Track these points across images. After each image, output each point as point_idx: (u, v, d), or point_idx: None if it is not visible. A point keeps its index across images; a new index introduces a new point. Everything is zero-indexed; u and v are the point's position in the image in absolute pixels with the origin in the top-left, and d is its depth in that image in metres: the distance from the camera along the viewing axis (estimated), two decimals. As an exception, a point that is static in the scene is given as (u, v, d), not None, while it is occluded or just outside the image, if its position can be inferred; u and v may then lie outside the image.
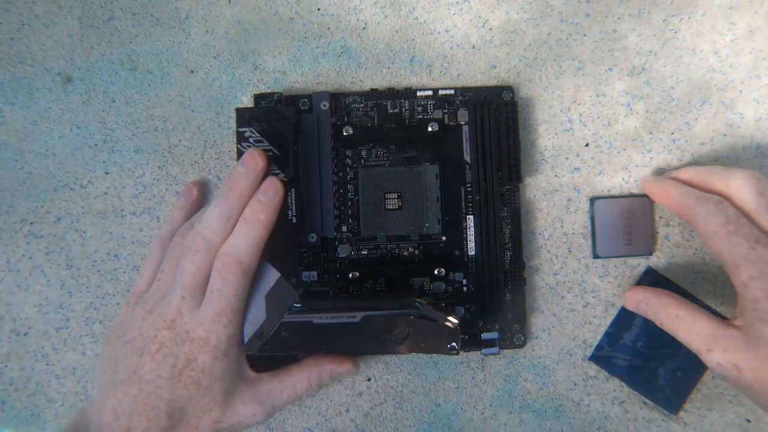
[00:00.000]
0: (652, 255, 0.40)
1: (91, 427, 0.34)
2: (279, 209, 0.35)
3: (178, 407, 0.34)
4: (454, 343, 0.35)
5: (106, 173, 0.41)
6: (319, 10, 0.41)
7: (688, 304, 0.34)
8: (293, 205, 0.37)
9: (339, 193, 0.40)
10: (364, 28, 0.41)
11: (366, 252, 0.40)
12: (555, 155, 0.41)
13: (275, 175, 0.36)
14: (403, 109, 0.40)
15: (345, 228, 0.40)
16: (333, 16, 0.41)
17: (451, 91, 0.40)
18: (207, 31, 0.41)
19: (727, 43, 0.40)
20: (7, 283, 0.41)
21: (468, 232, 0.40)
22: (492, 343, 0.39)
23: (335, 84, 0.41)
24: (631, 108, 0.40)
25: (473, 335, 0.39)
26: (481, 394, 0.40)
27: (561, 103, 0.41)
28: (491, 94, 0.40)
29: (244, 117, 0.36)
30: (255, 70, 0.41)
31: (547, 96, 0.41)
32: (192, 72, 0.41)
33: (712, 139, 0.40)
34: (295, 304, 0.36)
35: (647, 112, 0.40)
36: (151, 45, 0.41)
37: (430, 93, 0.40)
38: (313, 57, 0.41)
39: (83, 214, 0.41)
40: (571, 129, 0.41)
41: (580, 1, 0.40)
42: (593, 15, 0.40)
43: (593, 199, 0.40)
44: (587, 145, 0.41)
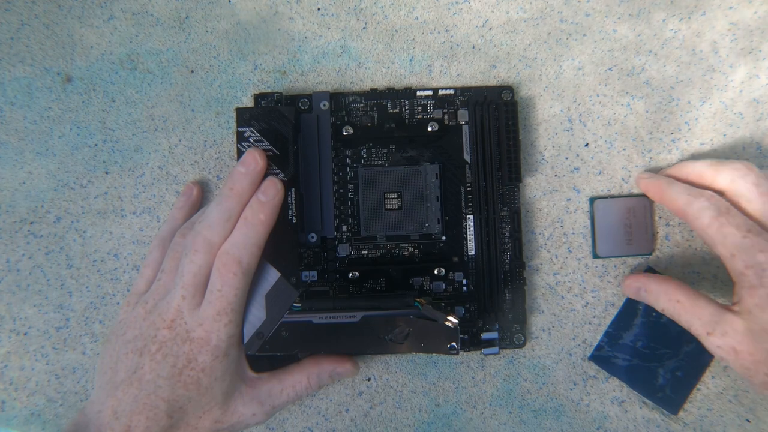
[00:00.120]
0: (652, 255, 0.40)
1: (91, 426, 0.34)
2: (279, 209, 0.35)
3: (178, 407, 0.34)
4: (454, 343, 0.35)
5: (106, 173, 0.41)
6: (319, 10, 0.41)
7: (687, 289, 0.35)
8: (293, 205, 0.37)
9: (339, 193, 0.40)
10: (364, 28, 0.41)
11: (366, 252, 0.40)
12: (555, 155, 0.41)
13: (275, 174, 0.36)
14: (403, 109, 0.40)
15: (345, 228, 0.40)
16: (333, 16, 0.41)
17: (451, 91, 0.40)
18: (207, 31, 0.41)
19: (727, 43, 0.40)
20: (7, 282, 0.41)
21: (468, 232, 0.40)
22: (492, 343, 0.39)
23: (335, 84, 0.41)
24: (631, 108, 0.40)
25: (473, 335, 0.39)
26: (481, 393, 0.40)
27: (561, 103, 0.41)
28: (491, 94, 0.40)
29: (244, 117, 0.36)
30: (255, 70, 0.41)
31: (547, 96, 0.41)
32: (192, 72, 0.41)
33: (712, 139, 0.40)
34: (295, 304, 0.36)
35: (647, 112, 0.40)
36: (151, 45, 0.41)
37: (430, 93, 0.40)
38: (313, 57, 0.41)
39: (83, 213, 0.41)
40: (571, 129, 0.41)
41: (580, 1, 0.40)
42: (593, 15, 0.40)
43: (593, 199, 0.40)
44: (587, 145, 0.41)
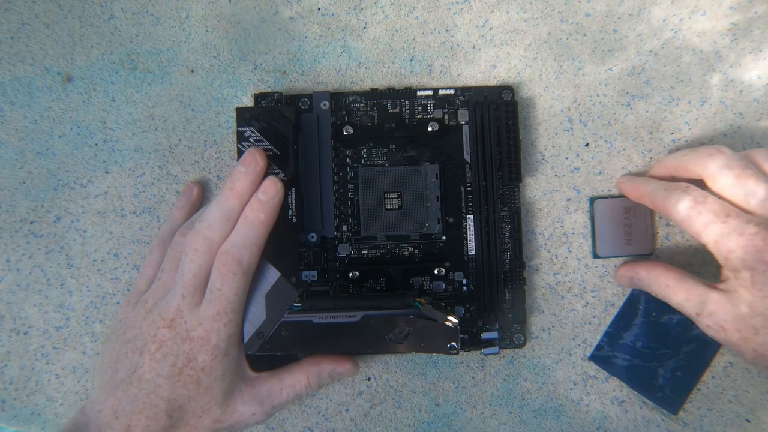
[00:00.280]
0: (651, 255, 0.40)
1: (91, 426, 0.34)
2: (279, 208, 0.35)
3: (178, 406, 0.34)
4: (454, 343, 0.35)
5: (107, 172, 0.41)
6: (319, 9, 0.41)
7: (675, 272, 0.36)
8: (293, 205, 0.37)
9: (339, 193, 0.40)
10: (364, 28, 0.41)
11: (366, 251, 0.40)
12: (555, 155, 0.41)
13: (275, 174, 0.36)
14: (403, 109, 0.40)
15: (345, 227, 0.40)
16: (333, 15, 0.41)
17: (451, 91, 0.40)
18: (207, 31, 0.41)
19: (727, 43, 0.40)
20: (7, 282, 0.41)
21: (468, 231, 0.40)
22: (492, 342, 0.39)
23: (335, 84, 0.41)
24: (631, 108, 0.40)
25: (473, 335, 0.39)
26: (481, 393, 0.40)
27: (561, 103, 0.41)
28: (491, 93, 0.40)
29: (244, 116, 0.36)
30: (255, 69, 0.41)
31: (547, 96, 0.41)
32: (192, 71, 0.41)
33: (712, 139, 0.40)
34: (295, 304, 0.36)
35: (647, 112, 0.40)
36: (152, 44, 0.41)
37: (430, 93, 0.40)
38: (313, 57, 0.41)
39: (83, 213, 0.41)
40: (571, 129, 0.41)
41: (580, 1, 0.40)
42: (593, 15, 0.40)
43: (593, 199, 0.40)
44: (587, 145, 0.41)
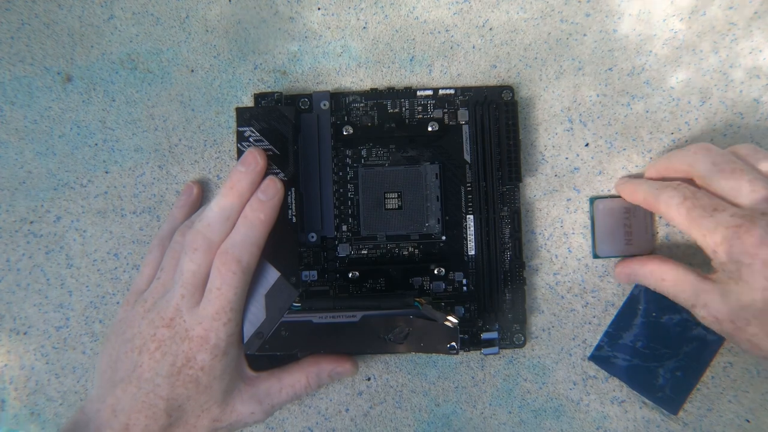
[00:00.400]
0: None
1: (90, 424, 0.34)
2: (279, 208, 0.35)
3: (177, 405, 0.34)
4: (453, 343, 0.35)
5: (106, 172, 0.41)
6: (319, 9, 0.41)
7: (670, 266, 0.36)
8: (293, 205, 0.37)
9: (339, 193, 0.40)
10: (364, 28, 0.41)
11: (366, 251, 0.40)
12: (555, 155, 0.41)
13: (275, 174, 0.36)
14: (403, 109, 0.40)
15: (345, 227, 0.40)
16: (333, 15, 0.41)
17: (451, 91, 0.40)
18: (207, 31, 0.41)
19: (727, 44, 0.40)
20: (7, 282, 0.41)
21: (468, 231, 0.40)
22: (492, 342, 0.39)
23: (335, 83, 0.41)
24: (631, 108, 0.40)
25: (473, 335, 0.39)
26: (481, 393, 0.40)
27: (561, 103, 0.41)
28: (491, 93, 0.40)
29: (244, 116, 0.36)
30: (255, 69, 0.41)
31: (547, 96, 0.41)
32: (192, 71, 0.41)
33: (712, 139, 0.40)
34: (294, 304, 0.36)
35: (647, 112, 0.40)
36: (152, 44, 0.41)
37: (430, 92, 0.40)
38: (313, 57, 0.41)
39: (83, 213, 0.41)
40: (571, 129, 0.41)
41: (580, 1, 0.40)
42: (593, 15, 0.40)
43: (593, 199, 0.40)
44: (587, 145, 0.41)
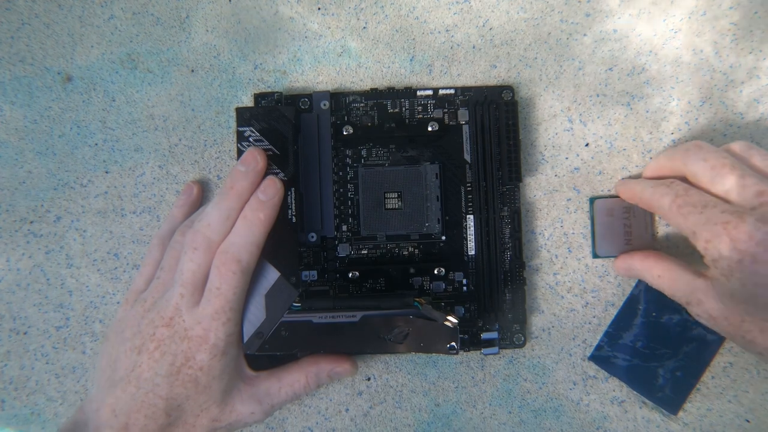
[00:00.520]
0: (652, 255, 0.40)
1: (90, 424, 0.34)
2: (279, 208, 0.35)
3: (176, 405, 0.34)
4: (453, 343, 0.35)
5: (106, 172, 0.41)
6: (319, 9, 0.41)
7: (666, 262, 0.36)
8: (293, 205, 0.37)
9: (339, 193, 0.40)
10: (364, 28, 0.41)
11: (366, 251, 0.40)
12: (555, 155, 0.41)
13: (275, 174, 0.36)
14: (403, 109, 0.40)
15: (345, 227, 0.40)
16: (333, 15, 0.41)
17: (451, 91, 0.40)
18: (207, 31, 0.41)
19: (726, 43, 0.40)
20: (7, 282, 0.41)
21: (468, 231, 0.40)
22: (492, 342, 0.39)
23: (335, 83, 0.41)
24: (631, 108, 0.40)
25: (473, 335, 0.39)
26: (481, 393, 0.40)
27: (561, 103, 0.41)
28: (491, 93, 0.40)
29: (244, 116, 0.36)
30: (255, 69, 0.41)
31: (547, 96, 0.41)
32: (192, 71, 0.41)
33: (712, 139, 0.40)
34: (294, 304, 0.36)
35: (647, 112, 0.40)
36: (152, 44, 0.41)
37: (430, 92, 0.40)
38: (313, 57, 0.41)
39: (83, 213, 0.41)
40: (571, 129, 0.41)
41: (580, 1, 0.40)
42: (593, 15, 0.40)
43: (593, 199, 0.40)
44: (587, 145, 0.41)
